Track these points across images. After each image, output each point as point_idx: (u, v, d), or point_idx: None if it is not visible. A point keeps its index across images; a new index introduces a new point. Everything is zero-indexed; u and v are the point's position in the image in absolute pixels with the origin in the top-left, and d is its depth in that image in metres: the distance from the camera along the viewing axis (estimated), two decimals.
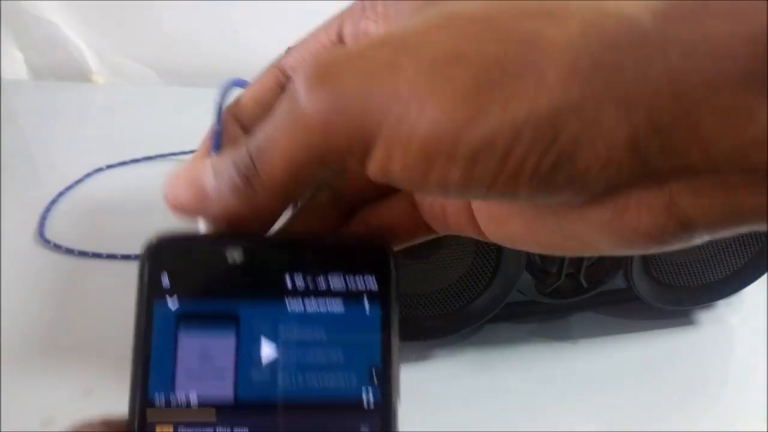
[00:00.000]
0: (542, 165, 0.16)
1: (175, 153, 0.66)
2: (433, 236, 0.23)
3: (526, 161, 0.16)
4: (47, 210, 0.60)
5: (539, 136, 0.15)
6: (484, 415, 0.43)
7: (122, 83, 0.85)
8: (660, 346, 0.48)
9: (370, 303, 0.21)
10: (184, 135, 0.60)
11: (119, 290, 0.20)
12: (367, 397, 0.20)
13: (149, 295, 0.20)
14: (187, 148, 0.66)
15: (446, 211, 0.22)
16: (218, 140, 0.23)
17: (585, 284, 0.45)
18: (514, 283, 0.43)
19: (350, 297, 0.21)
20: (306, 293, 0.20)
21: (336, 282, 0.20)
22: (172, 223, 0.20)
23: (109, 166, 0.65)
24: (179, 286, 0.20)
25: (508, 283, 0.43)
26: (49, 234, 0.58)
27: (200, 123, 0.40)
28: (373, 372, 0.20)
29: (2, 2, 0.79)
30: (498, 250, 0.42)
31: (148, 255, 0.20)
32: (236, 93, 0.25)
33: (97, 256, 0.55)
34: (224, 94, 0.24)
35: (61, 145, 0.70)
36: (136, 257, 0.20)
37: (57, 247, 0.56)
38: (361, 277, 0.21)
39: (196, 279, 0.20)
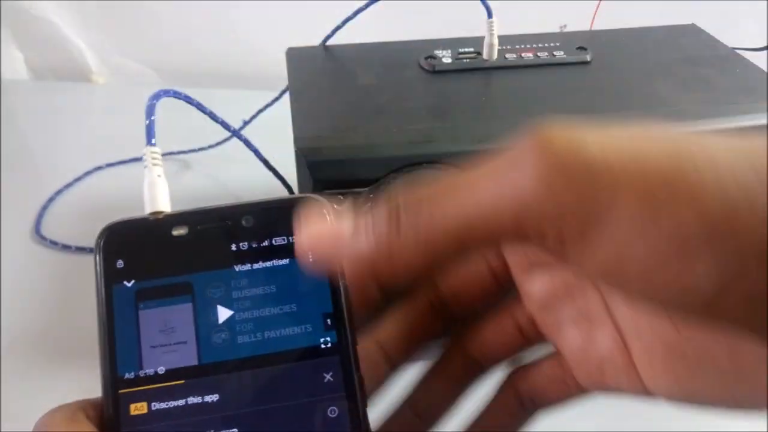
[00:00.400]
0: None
1: (174, 152, 0.66)
2: (584, 395, 0.22)
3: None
4: (44, 208, 0.60)
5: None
6: None
7: (122, 83, 0.85)
8: None
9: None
10: (184, 135, 0.60)
11: None
12: (325, 342, 0.21)
13: (107, 280, 0.21)
14: (185, 148, 0.66)
15: (596, 360, 0.21)
16: (151, 131, 0.24)
17: None
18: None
19: (294, 252, 0.21)
20: (252, 255, 0.21)
21: (279, 240, 0.21)
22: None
23: (109, 165, 0.65)
24: (134, 267, 0.21)
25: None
26: (47, 231, 0.57)
27: (199, 123, 0.40)
28: (327, 318, 0.21)
29: (2, 2, 0.79)
30: None
31: (102, 244, 0.21)
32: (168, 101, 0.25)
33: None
34: (153, 105, 0.24)
35: (61, 145, 0.70)
36: None
37: (53, 244, 0.56)
38: None
39: (149, 259, 0.21)
